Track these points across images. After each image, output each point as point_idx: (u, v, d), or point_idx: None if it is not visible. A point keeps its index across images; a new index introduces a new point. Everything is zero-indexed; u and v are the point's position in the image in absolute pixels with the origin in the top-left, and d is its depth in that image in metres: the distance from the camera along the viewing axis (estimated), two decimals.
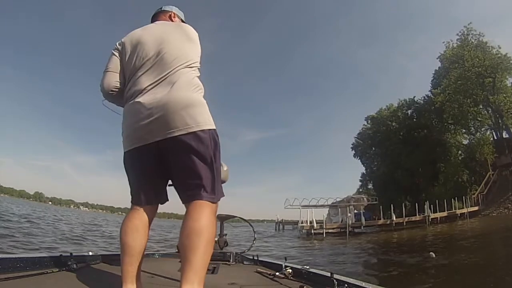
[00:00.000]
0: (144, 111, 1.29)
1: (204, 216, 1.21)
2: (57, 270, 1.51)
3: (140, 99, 1.31)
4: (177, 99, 1.28)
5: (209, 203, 1.27)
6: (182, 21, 1.72)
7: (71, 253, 1.70)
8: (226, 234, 3.06)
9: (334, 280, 1.60)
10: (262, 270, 2.13)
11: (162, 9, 1.68)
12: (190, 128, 1.26)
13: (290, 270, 1.98)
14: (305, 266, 2.05)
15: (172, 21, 1.66)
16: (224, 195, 1.37)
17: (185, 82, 1.34)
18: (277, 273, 1.97)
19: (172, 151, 1.29)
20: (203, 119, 1.30)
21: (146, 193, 1.38)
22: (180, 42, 1.43)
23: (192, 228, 1.17)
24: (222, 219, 3.06)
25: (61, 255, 1.67)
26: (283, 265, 2.11)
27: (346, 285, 1.56)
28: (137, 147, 1.33)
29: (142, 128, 1.30)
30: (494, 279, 5.98)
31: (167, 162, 1.32)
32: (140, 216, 1.36)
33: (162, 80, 1.33)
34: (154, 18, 1.67)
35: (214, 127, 1.35)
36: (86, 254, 1.88)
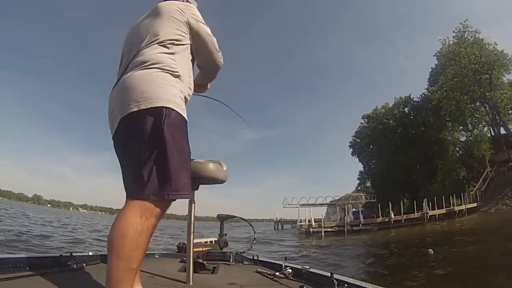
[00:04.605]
0: (110, 103, 1.28)
1: (122, 220, 1.04)
2: (57, 270, 1.50)
3: (111, 92, 1.30)
4: (125, 82, 1.19)
5: (138, 202, 1.07)
6: None
7: (71, 253, 1.70)
8: (226, 234, 3.05)
9: (334, 280, 1.60)
10: (262, 270, 2.13)
11: None
12: (128, 110, 1.13)
13: (290, 270, 1.97)
14: (305, 266, 2.04)
15: None
16: (180, 194, 1.13)
17: (141, 61, 1.21)
18: (277, 273, 1.96)
19: (121, 139, 1.22)
20: (142, 97, 1.12)
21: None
22: (149, 22, 1.33)
23: (108, 239, 1.04)
24: (222, 219, 3.06)
25: (61, 255, 1.66)
26: (283, 265, 2.11)
27: (346, 285, 1.56)
28: (112, 137, 1.28)
29: (110, 119, 1.27)
30: (492, 275, 6.02)
31: None
32: None
33: (126, 68, 1.27)
34: None
35: (163, 105, 1.13)
36: (86, 254, 1.88)
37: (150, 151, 1.10)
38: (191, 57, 1.39)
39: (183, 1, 1.44)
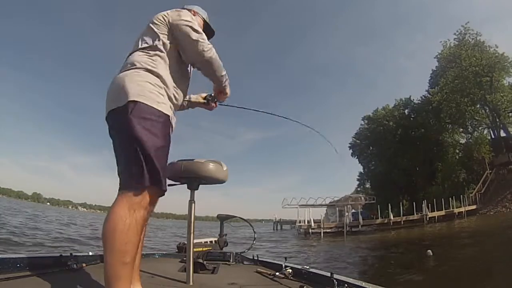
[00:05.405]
0: None
1: (112, 215, 1.07)
2: (57, 270, 1.51)
3: None
4: (111, 84, 1.30)
5: (125, 194, 1.11)
6: (205, 20, 1.67)
7: (71, 253, 1.70)
8: (226, 234, 3.05)
9: (334, 280, 1.60)
10: (262, 270, 2.13)
11: (184, 7, 1.61)
12: (109, 108, 1.25)
13: (290, 270, 1.97)
14: (305, 266, 2.04)
15: None
16: (158, 185, 1.15)
17: (125, 64, 1.34)
18: (277, 273, 1.96)
19: (111, 137, 1.30)
20: (120, 95, 1.21)
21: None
22: (144, 30, 1.44)
23: (102, 234, 1.07)
24: (222, 219, 3.05)
25: (61, 255, 1.66)
26: (283, 265, 2.11)
27: (346, 285, 1.56)
28: None
29: None
30: (491, 277, 6.02)
31: None
32: None
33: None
34: None
35: (132, 99, 1.18)
36: (86, 254, 1.88)
37: (127, 145, 1.16)
38: (175, 60, 1.42)
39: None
